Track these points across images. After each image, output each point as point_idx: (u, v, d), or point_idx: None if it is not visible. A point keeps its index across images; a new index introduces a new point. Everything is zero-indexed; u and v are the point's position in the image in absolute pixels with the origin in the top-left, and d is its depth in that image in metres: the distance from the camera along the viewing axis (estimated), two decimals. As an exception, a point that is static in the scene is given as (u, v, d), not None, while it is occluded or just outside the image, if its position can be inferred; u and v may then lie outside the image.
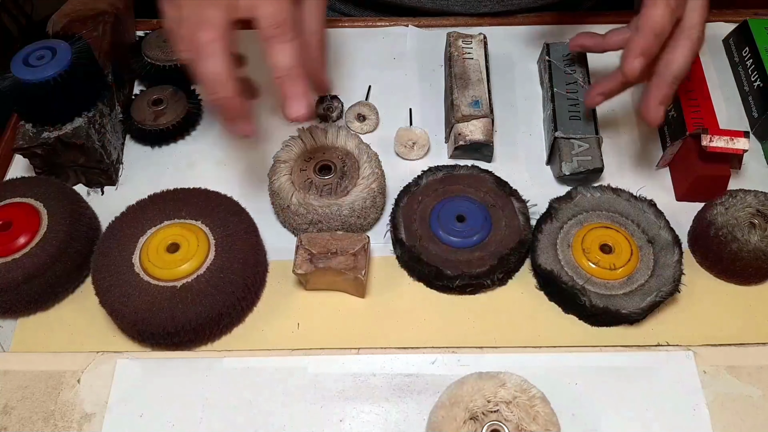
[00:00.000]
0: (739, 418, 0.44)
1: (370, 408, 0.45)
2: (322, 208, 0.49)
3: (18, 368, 0.46)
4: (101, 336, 0.49)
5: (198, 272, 0.47)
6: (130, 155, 0.59)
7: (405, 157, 0.58)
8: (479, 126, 0.56)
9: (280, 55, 0.42)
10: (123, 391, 0.45)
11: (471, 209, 0.51)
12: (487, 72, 0.59)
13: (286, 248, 0.50)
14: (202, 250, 0.47)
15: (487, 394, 0.40)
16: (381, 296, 0.50)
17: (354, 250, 0.47)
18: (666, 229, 0.49)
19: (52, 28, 0.61)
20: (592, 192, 0.52)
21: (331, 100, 0.61)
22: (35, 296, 0.48)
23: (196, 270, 0.47)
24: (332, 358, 0.46)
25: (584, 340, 0.48)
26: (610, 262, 0.48)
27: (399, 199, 0.52)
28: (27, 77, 0.49)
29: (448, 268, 0.48)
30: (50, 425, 0.44)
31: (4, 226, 0.48)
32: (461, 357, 0.46)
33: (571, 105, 0.57)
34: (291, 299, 0.50)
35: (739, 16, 0.66)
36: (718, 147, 0.50)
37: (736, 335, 0.48)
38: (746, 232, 0.48)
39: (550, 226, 0.51)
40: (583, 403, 0.44)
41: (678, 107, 0.57)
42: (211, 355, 0.47)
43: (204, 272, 0.47)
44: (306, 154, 0.53)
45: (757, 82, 0.60)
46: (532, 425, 0.39)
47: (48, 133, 0.51)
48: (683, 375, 0.45)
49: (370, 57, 0.66)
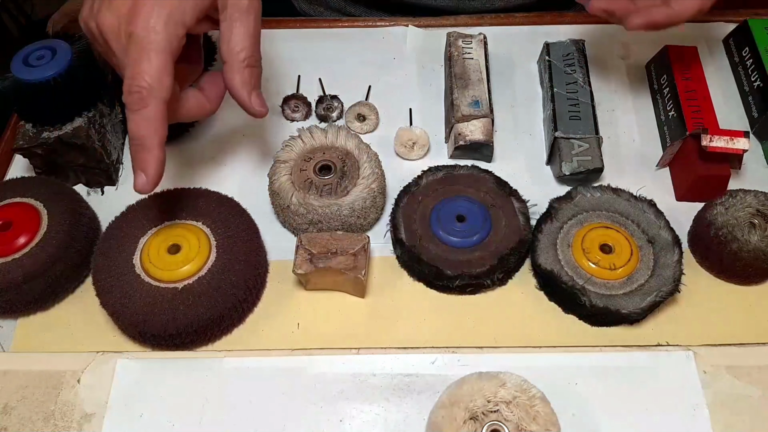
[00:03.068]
0: (739, 418, 0.44)
1: (370, 408, 0.45)
2: (322, 208, 0.49)
3: (18, 368, 0.46)
4: (101, 336, 0.49)
5: (199, 274, 0.47)
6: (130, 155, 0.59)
7: (405, 157, 0.58)
8: (479, 126, 0.56)
9: (130, 124, 0.41)
10: (123, 391, 0.45)
11: (471, 209, 0.51)
12: (487, 72, 0.59)
13: (286, 248, 0.50)
14: (204, 251, 0.47)
15: (487, 394, 0.40)
16: (381, 296, 0.50)
17: (354, 250, 0.47)
18: (666, 229, 0.49)
19: (52, 28, 0.61)
20: (592, 192, 0.52)
21: (331, 100, 0.61)
22: (35, 296, 0.48)
23: (197, 272, 0.47)
24: (332, 358, 0.46)
25: (584, 340, 0.48)
26: (610, 262, 0.48)
27: (399, 199, 0.52)
28: (27, 77, 0.49)
29: (448, 268, 0.48)
30: (50, 425, 0.44)
31: (4, 226, 0.48)
32: (461, 357, 0.46)
33: (571, 105, 0.57)
34: (291, 299, 0.50)
35: (739, 16, 0.66)
36: (718, 147, 0.50)
37: (736, 335, 0.48)
38: (746, 232, 0.48)
39: (550, 226, 0.51)
40: (583, 403, 0.44)
41: (678, 107, 0.57)
42: (211, 355, 0.47)
43: (205, 274, 0.47)
44: (306, 154, 0.53)
45: (757, 82, 0.60)
46: (532, 425, 0.39)
47: (48, 133, 0.51)
48: (683, 375, 0.45)
49: (370, 57, 0.66)
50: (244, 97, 0.45)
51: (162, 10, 0.41)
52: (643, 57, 0.65)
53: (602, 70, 0.64)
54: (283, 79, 0.64)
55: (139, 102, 0.41)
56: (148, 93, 0.40)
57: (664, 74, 0.60)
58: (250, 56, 0.44)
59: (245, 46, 0.44)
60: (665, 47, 0.61)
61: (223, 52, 0.44)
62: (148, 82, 0.40)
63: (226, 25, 0.44)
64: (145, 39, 0.40)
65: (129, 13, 0.41)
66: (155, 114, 0.41)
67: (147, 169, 0.42)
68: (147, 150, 0.42)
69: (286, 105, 0.61)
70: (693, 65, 0.60)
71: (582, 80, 0.58)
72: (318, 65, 0.65)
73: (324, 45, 0.67)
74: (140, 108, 0.41)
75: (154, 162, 0.42)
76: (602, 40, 0.67)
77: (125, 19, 0.41)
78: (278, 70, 0.64)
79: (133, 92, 0.40)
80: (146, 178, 0.42)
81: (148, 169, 0.42)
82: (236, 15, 0.43)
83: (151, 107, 0.41)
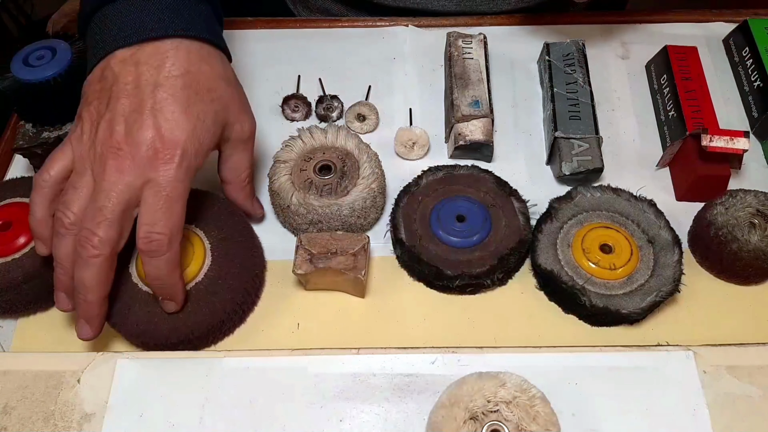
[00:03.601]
0: (739, 418, 0.44)
1: (370, 408, 0.45)
2: (322, 208, 0.49)
3: (18, 368, 0.46)
4: (101, 336, 0.49)
5: (196, 280, 0.46)
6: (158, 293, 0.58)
7: (405, 157, 0.58)
8: (479, 126, 0.56)
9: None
10: (123, 391, 0.45)
11: (471, 209, 0.51)
12: (487, 72, 0.59)
13: (286, 248, 0.50)
14: (198, 256, 0.46)
15: (487, 394, 0.40)
16: (381, 296, 0.50)
17: (354, 250, 0.47)
18: (666, 229, 0.49)
19: (52, 28, 0.61)
20: (592, 192, 0.52)
21: (331, 100, 0.61)
22: (35, 296, 0.48)
23: (193, 278, 0.46)
24: (332, 358, 0.46)
25: (584, 340, 0.48)
26: (610, 262, 0.48)
27: (399, 199, 0.52)
28: (27, 77, 0.49)
29: (448, 268, 0.48)
30: (50, 425, 0.44)
31: (4, 226, 0.48)
32: (461, 357, 0.46)
33: (571, 105, 0.57)
34: (291, 299, 0.50)
35: (739, 16, 0.66)
36: (718, 147, 0.50)
37: (736, 335, 0.48)
38: (746, 232, 0.48)
39: (550, 226, 0.51)
40: (583, 403, 0.44)
41: (678, 107, 0.57)
42: (211, 355, 0.47)
43: (202, 279, 0.46)
44: (306, 154, 0.53)
45: (757, 82, 0.60)
46: (532, 425, 0.39)
47: (48, 133, 0.51)
48: (683, 375, 0.45)
49: (370, 57, 0.66)
50: (248, 207, 0.51)
51: (183, 159, 0.41)
52: (643, 57, 0.65)
53: (602, 70, 0.64)
54: (283, 79, 0.64)
55: (159, 249, 0.41)
56: (170, 240, 0.41)
57: (664, 74, 0.60)
58: (249, 176, 0.50)
59: (246, 168, 0.49)
60: (665, 47, 0.62)
61: (224, 174, 0.49)
62: (171, 230, 0.41)
63: (229, 153, 0.47)
64: (171, 188, 0.41)
65: (153, 158, 0.41)
66: (175, 256, 0.42)
67: (96, 319, 0.43)
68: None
69: (286, 105, 0.61)
70: (693, 65, 0.60)
71: (582, 80, 0.58)
72: (318, 65, 0.65)
73: (324, 45, 0.67)
74: (163, 254, 0.41)
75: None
76: (602, 40, 0.67)
77: (145, 162, 0.41)
78: (278, 70, 0.64)
79: (153, 240, 0.41)
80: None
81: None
82: (240, 146, 0.48)
83: (173, 252, 0.42)
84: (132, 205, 0.41)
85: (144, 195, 0.41)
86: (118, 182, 0.40)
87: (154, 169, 0.41)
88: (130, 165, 0.40)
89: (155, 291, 0.43)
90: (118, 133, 0.41)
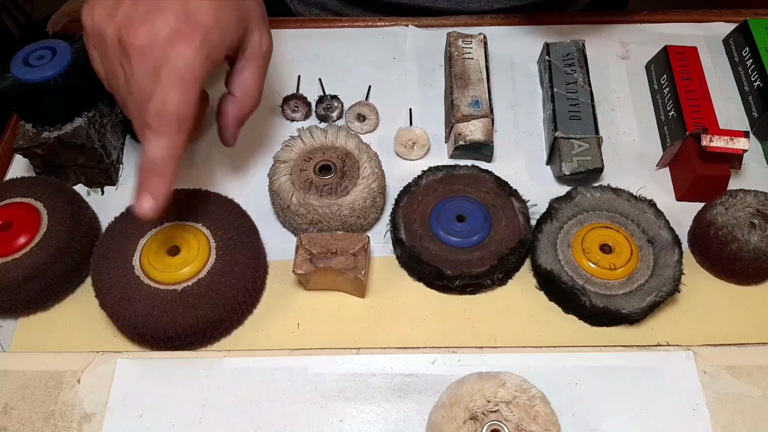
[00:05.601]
0: (739, 418, 0.44)
1: (370, 408, 0.45)
2: (322, 208, 0.49)
3: (18, 368, 0.46)
4: (101, 336, 0.49)
5: (199, 276, 0.46)
6: (130, 155, 0.59)
7: (405, 157, 0.58)
8: (479, 126, 0.56)
9: (151, 147, 0.41)
10: (123, 391, 0.45)
11: (471, 209, 0.51)
12: (487, 72, 0.59)
13: (286, 248, 0.50)
14: (203, 253, 0.47)
15: (487, 394, 0.40)
16: (381, 296, 0.50)
17: (354, 250, 0.47)
18: (666, 229, 0.49)
19: (52, 28, 0.61)
20: (592, 192, 0.52)
21: (331, 100, 0.61)
22: (35, 296, 0.48)
23: (197, 273, 0.46)
24: (332, 358, 0.46)
25: (584, 340, 0.48)
26: (610, 262, 0.48)
27: (399, 199, 0.52)
28: (27, 77, 0.49)
29: (448, 268, 0.48)
30: (50, 425, 0.44)
31: (4, 226, 0.48)
32: (461, 357, 0.46)
33: (571, 105, 0.57)
34: (291, 299, 0.50)
35: (739, 16, 0.66)
36: (718, 147, 0.50)
37: (736, 335, 0.48)
38: (746, 232, 0.48)
39: (550, 226, 0.51)
40: (583, 403, 0.44)
41: (678, 107, 0.57)
42: (211, 355, 0.47)
43: (205, 276, 0.46)
44: (306, 154, 0.53)
45: (757, 82, 0.60)
46: (532, 425, 0.39)
47: (48, 133, 0.51)
48: (683, 375, 0.45)
49: (370, 57, 0.66)
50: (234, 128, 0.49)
51: (204, 46, 0.41)
52: (643, 57, 0.65)
53: (602, 70, 0.64)
54: (283, 79, 0.64)
55: (167, 127, 0.41)
56: (181, 121, 0.41)
57: (664, 74, 0.61)
58: (256, 102, 0.48)
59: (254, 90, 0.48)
60: (665, 47, 0.62)
61: (232, 86, 0.47)
62: (183, 110, 0.41)
63: (243, 65, 0.46)
64: (186, 69, 0.40)
65: (170, 40, 0.40)
66: (182, 142, 0.42)
67: (158, 195, 0.42)
68: (160, 175, 0.42)
69: (286, 105, 0.61)
70: (693, 65, 0.60)
71: (582, 80, 0.58)
72: (318, 65, 0.65)
73: (324, 45, 0.67)
74: (168, 133, 0.41)
75: (165, 188, 0.42)
76: (602, 40, 0.67)
77: (164, 42, 0.40)
78: (278, 70, 0.64)
79: (164, 116, 0.40)
80: (155, 204, 0.42)
81: (159, 197, 0.42)
82: (255, 61, 0.47)
83: (182, 135, 0.41)
84: None
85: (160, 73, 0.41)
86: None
87: (174, 49, 0.40)
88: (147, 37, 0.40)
89: (142, 177, 0.42)
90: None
